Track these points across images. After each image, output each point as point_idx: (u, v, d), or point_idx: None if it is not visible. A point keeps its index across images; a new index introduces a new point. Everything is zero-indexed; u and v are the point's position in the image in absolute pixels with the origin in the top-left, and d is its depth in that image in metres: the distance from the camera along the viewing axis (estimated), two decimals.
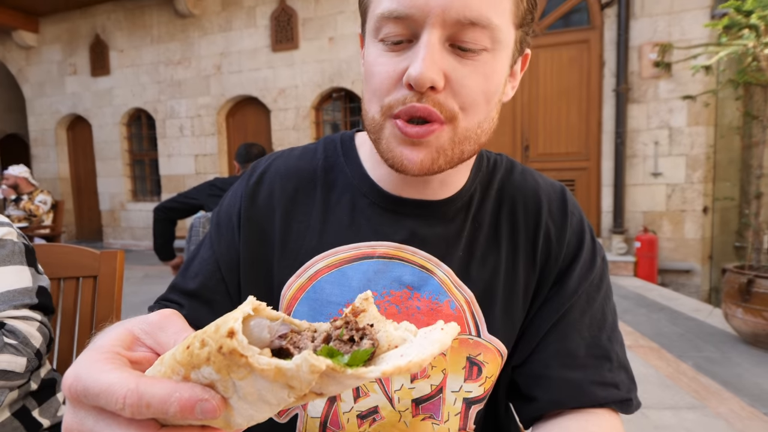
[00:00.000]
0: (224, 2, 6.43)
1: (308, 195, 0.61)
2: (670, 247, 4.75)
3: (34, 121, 7.97)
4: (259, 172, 0.63)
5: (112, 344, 0.28)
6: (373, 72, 0.50)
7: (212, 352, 0.23)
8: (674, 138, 4.66)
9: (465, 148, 0.51)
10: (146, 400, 0.23)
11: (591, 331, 0.57)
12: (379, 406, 0.56)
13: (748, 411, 2.05)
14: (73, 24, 7.45)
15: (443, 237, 0.58)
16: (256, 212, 0.60)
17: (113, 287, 1.05)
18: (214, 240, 0.62)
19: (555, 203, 0.61)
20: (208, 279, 0.60)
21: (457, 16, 0.45)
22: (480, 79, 0.48)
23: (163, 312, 0.31)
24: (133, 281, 4.94)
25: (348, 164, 0.62)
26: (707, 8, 4.44)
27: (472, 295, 0.57)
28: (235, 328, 0.23)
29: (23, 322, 0.85)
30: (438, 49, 0.46)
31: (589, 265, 0.59)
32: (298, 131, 6.19)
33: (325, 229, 0.58)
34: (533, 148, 5.27)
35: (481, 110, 0.50)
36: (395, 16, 0.46)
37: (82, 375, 0.25)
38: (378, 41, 0.50)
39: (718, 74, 4.17)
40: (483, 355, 0.56)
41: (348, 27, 5.82)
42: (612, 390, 0.54)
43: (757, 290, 2.68)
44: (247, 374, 0.23)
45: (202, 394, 0.24)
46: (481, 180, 0.62)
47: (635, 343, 2.86)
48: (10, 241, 0.92)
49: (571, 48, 5.04)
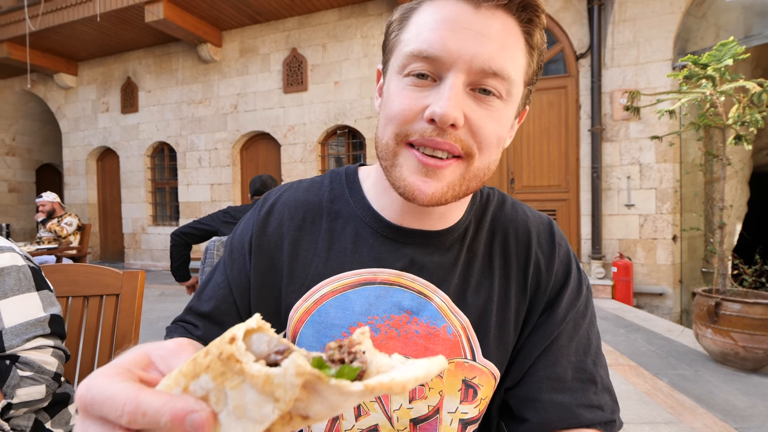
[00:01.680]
0: (242, 50, 6.63)
1: (315, 224, 0.60)
2: (644, 272, 4.74)
3: (68, 152, 8.06)
4: (270, 203, 0.63)
5: (128, 363, 0.28)
6: (394, 101, 0.49)
7: (213, 359, 0.23)
8: (644, 173, 4.73)
9: (471, 185, 0.51)
10: (143, 409, 0.23)
11: (577, 356, 0.56)
12: (379, 425, 0.54)
13: (720, 426, 2.00)
14: (108, 68, 7.66)
15: (440, 265, 0.57)
16: (266, 240, 0.60)
17: (134, 305, 1.04)
18: (227, 265, 0.61)
19: (543, 235, 0.61)
20: (221, 302, 0.59)
21: (482, 65, 0.45)
22: (494, 123, 0.48)
23: (180, 341, 0.31)
24: (150, 299, 4.88)
25: (352, 196, 0.61)
26: (669, 60, 4.59)
27: (468, 320, 0.55)
28: (237, 335, 0.23)
29: (36, 351, 0.81)
30: (461, 92, 0.46)
31: (576, 293, 0.58)
32: (305, 164, 6.27)
33: (330, 256, 0.57)
34: (518, 181, 5.33)
35: (493, 152, 0.50)
36: (425, 56, 0.46)
37: (92, 385, 0.25)
38: (403, 76, 0.49)
39: (681, 117, 4.28)
40: (478, 378, 0.55)
41: (351, 72, 6.00)
42: (597, 412, 0.54)
43: (724, 312, 2.66)
44: (239, 383, 0.23)
45: (194, 406, 0.23)
46: (476, 212, 0.61)
47: (615, 361, 2.81)
48: (14, 267, 0.84)
49: (551, 93, 5.18)
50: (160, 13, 5.60)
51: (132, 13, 5.97)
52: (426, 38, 0.46)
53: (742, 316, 2.60)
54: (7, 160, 8.92)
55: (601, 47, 4.86)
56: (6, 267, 0.83)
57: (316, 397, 0.23)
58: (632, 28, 4.72)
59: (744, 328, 2.59)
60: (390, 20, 0.53)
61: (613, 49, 4.79)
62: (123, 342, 1.02)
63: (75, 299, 1.06)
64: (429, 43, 0.46)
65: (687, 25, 4.68)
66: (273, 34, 6.41)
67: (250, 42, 6.58)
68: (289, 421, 0.24)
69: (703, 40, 4.71)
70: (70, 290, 1.06)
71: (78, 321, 1.04)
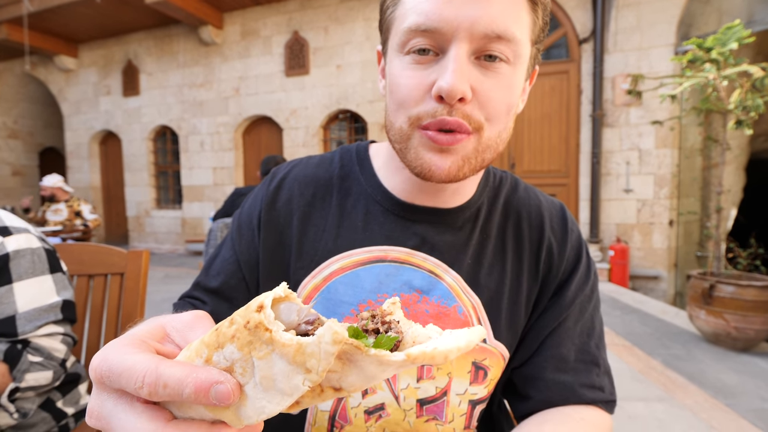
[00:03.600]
0: (243, 32, 6.49)
1: (325, 200, 0.59)
2: (640, 256, 4.75)
3: (71, 136, 7.97)
4: (279, 178, 0.61)
5: (143, 334, 0.27)
6: (400, 84, 0.47)
7: (239, 328, 0.21)
8: (643, 159, 4.69)
9: (486, 156, 0.49)
10: (164, 380, 0.22)
11: (581, 339, 0.56)
12: (385, 403, 0.53)
13: (711, 402, 2.03)
14: (109, 50, 7.50)
15: (452, 244, 0.55)
16: (275, 215, 0.59)
17: (138, 284, 1.04)
18: (235, 241, 0.60)
19: (556, 219, 0.60)
20: (229, 277, 0.58)
21: (484, 30, 0.42)
22: (503, 91, 0.46)
23: (197, 313, 0.29)
24: (154, 281, 4.90)
25: (363, 173, 0.60)
26: (672, 45, 4.50)
27: (480, 301, 0.54)
28: (265, 303, 0.22)
29: (47, 338, 0.80)
30: (466, 63, 0.43)
31: (585, 278, 0.58)
32: (307, 148, 6.21)
33: (340, 233, 0.56)
34: (519, 166, 5.29)
35: (502, 120, 0.47)
36: (423, 29, 0.43)
37: (108, 357, 0.24)
38: (404, 54, 0.46)
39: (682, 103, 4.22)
40: (488, 360, 0.54)
41: (354, 56, 5.88)
42: (598, 392, 0.54)
43: (718, 294, 2.67)
44: (267, 353, 0.21)
45: (219, 377, 0.21)
46: (488, 194, 0.60)
47: (610, 341, 2.84)
48: (28, 249, 0.82)
49: (553, 78, 5.08)
50: None
51: None
52: (422, 10, 0.43)
53: (735, 298, 2.62)
54: (10, 144, 8.83)
55: (604, 32, 4.74)
56: (21, 249, 0.81)
57: (352, 368, 0.22)
58: (636, 12, 4.60)
59: (737, 309, 2.61)
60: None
61: (616, 34, 4.68)
62: (129, 321, 1.02)
63: (80, 278, 1.05)
64: (425, 14, 0.43)
65: (690, 10, 4.57)
66: (275, 17, 6.25)
67: (251, 24, 6.42)
68: (320, 394, 0.23)
69: (707, 25, 4.60)
70: (75, 269, 1.05)
71: (83, 300, 1.03)
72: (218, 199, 6.76)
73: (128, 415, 0.23)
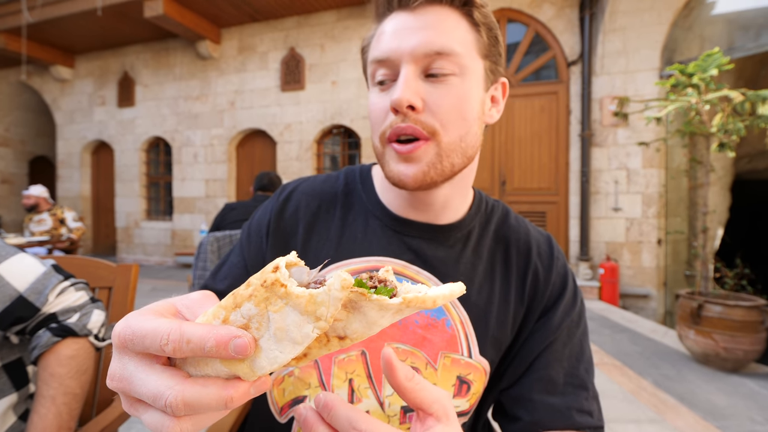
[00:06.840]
0: (241, 48, 6.56)
1: (329, 213, 0.63)
2: (629, 274, 4.79)
3: (63, 145, 7.89)
4: (288, 191, 0.66)
5: (157, 308, 0.28)
6: (371, 109, 0.55)
7: (256, 287, 0.24)
8: (631, 178, 4.78)
9: (454, 161, 0.53)
10: (187, 336, 0.24)
11: (570, 362, 0.58)
12: (370, 411, 0.54)
13: (702, 425, 2.02)
14: (105, 61, 7.51)
15: (443, 260, 0.59)
16: (283, 224, 0.63)
17: (126, 298, 1.02)
18: (244, 247, 0.65)
19: (543, 247, 0.63)
20: (236, 281, 0.61)
21: (424, 50, 0.50)
22: (452, 99, 0.51)
23: (206, 292, 0.31)
24: (142, 293, 4.80)
25: (364, 191, 0.64)
26: (656, 69, 4.64)
27: (468, 317, 0.56)
28: (280, 264, 0.24)
29: (62, 296, 0.79)
30: (413, 78, 0.50)
31: (571, 304, 0.60)
32: (300, 162, 6.22)
33: (340, 242, 0.60)
34: (509, 183, 5.35)
35: (458, 126, 0.52)
36: (379, 60, 0.52)
37: (132, 322, 0.26)
38: (373, 86, 0.55)
39: (667, 125, 4.33)
40: (472, 375, 0.56)
41: (349, 72, 5.96)
42: (587, 417, 0.55)
43: (707, 314, 2.69)
44: (282, 306, 0.24)
45: (237, 332, 0.24)
46: (480, 219, 0.64)
47: (601, 361, 2.83)
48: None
49: (542, 98, 5.20)
50: (160, 9, 5.50)
51: (131, 7, 5.85)
52: (378, 47, 0.53)
53: (723, 318, 2.63)
54: (0, 152, 8.71)
55: (592, 55, 4.89)
56: None
57: (356, 315, 0.25)
58: (622, 37, 4.76)
59: (725, 329, 2.62)
60: (362, 46, 0.60)
61: (603, 58, 4.83)
62: None
63: None
64: (380, 49, 0.53)
65: (674, 36, 4.74)
66: (271, 33, 6.34)
67: (248, 40, 6.50)
68: (326, 343, 0.26)
69: (689, 50, 4.77)
70: None
71: None
72: (210, 211, 6.70)
73: (149, 375, 0.25)
